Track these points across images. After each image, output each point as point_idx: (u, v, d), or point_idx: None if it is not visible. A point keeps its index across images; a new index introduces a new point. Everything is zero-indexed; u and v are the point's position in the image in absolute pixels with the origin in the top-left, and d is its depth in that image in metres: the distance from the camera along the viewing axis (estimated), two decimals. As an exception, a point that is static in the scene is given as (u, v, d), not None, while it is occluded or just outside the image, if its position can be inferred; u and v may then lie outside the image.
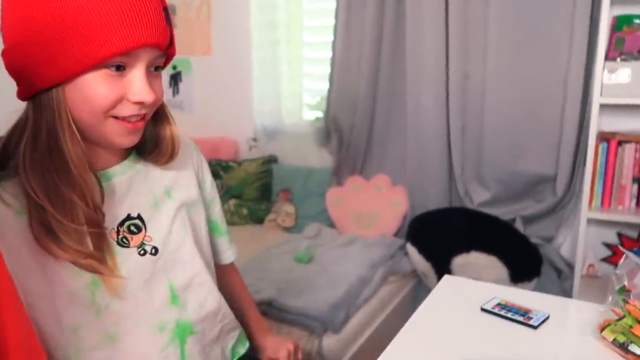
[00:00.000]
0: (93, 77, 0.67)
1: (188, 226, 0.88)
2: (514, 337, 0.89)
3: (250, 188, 2.65)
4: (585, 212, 1.84)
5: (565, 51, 1.94)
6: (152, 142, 0.82)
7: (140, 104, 0.71)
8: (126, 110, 0.71)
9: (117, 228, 0.79)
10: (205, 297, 0.89)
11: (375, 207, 2.39)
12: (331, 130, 2.47)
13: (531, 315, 0.94)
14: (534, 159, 2.09)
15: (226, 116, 2.84)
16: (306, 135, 2.64)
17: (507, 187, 2.16)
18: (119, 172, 0.80)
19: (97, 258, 0.73)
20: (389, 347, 0.87)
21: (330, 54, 2.41)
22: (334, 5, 2.36)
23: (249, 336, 1.06)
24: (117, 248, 0.78)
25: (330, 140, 2.53)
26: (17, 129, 0.72)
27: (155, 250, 0.82)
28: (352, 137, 2.42)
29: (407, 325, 0.93)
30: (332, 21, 2.37)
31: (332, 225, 2.46)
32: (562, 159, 2.02)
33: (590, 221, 1.87)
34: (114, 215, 0.78)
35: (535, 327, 0.91)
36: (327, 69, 2.44)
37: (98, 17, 0.64)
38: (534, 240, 2.07)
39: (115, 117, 0.71)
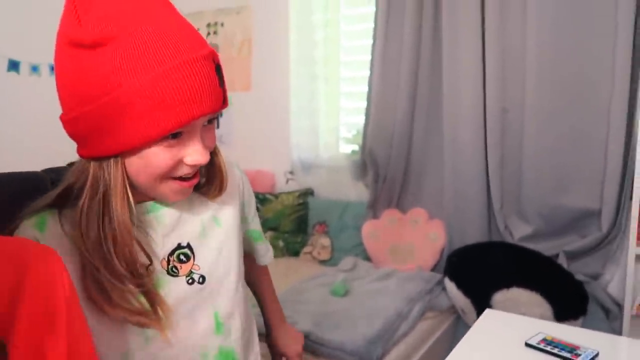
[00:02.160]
0: (154, 147, 0.69)
1: (235, 253, 0.90)
2: (562, 374, 0.86)
3: (287, 220, 2.67)
4: (634, 248, 1.76)
5: (608, 79, 1.91)
6: (203, 176, 0.84)
7: (195, 166, 0.74)
8: (182, 171, 0.74)
9: (168, 257, 0.81)
10: (245, 328, 0.91)
11: (412, 241, 2.36)
12: (367, 164, 2.49)
13: (579, 352, 0.90)
14: (576, 193, 2.04)
15: (264, 149, 2.90)
16: (342, 169, 2.67)
17: (549, 222, 2.10)
18: (169, 203, 0.82)
19: (147, 315, 0.75)
20: (429, 381, 0.85)
21: (366, 88, 2.45)
22: (370, 41, 2.41)
23: (265, 324, 1.15)
24: (167, 277, 0.80)
25: (366, 174, 2.54)
26: (73, 186, 0.74)
27: (202, 279, 0.84)
28: (388, 170, 2.43)
29: (448, 358, 0.91)
30: (369, 57, 2.42)
31: (367, 258, 2.44)
32: (607, 193, 1.96)
33: (639, 258, 1.79)
34: (164, 244, 0.80)
35: (584, 365, 0.87)
36: (364, 103, 2.48)
37: (159, 93, 0.65)
38: (578, 277, 1.99)
39: (172, 178, 0.74)
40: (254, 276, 1.13)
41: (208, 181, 0.85)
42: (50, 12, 2.67)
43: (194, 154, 0.72)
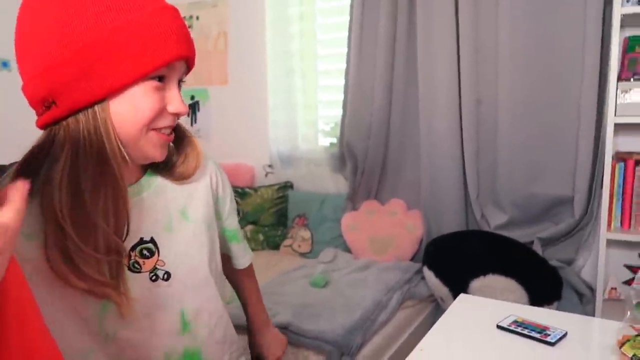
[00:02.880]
0: (141, 88, 0.69)
1: (205, 247, 0.86)
2: (531, 354, 0.88)
3: (266, 214, 2.67)
4: (605, 233, 1.81)
5: (578, 73, 1.95)
6: (176, 158, 0.83)
7: (176, 114, 0.75)
8: (164, 121, 0.74)
9: (129, 252, 0.77)
10: (215, 324, 0.88)
11: (391, 232, 2.38)
12: (346, 156, 2.50)
13: (548, 332, 0.92)
14: (550, 181, 2.08)
15: (242, 143, 2.89)
16: (321, 161, 2.67)
17: (524, 210, 2.14)
18: (134, 191, 0.79)
19: (114, 287, 0.72)
20: (404, 364, 0.87)
21: (343, 81, 2.46)
22: (346, 34, 2.41)
23: (249, 327, 1.12)
24: (128, 273, 0.76)
25: (344, 166, 2.55)
26: (41, 152, 0.70)
27: (167, 276, 0.80)
28: (366, 162, 2.44)
29: (422, 342, 0.93)
30: (345, 49, 2.43)
31: (347, 250, 2.46)
32: (579, 181, 2.00)
33: (610, 243, 1.85)
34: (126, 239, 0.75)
35: (552, 344, 0.89)
36: (341, 96, 2.49)
37: (146, 31, 0.67)
38: (553, 263, 2.04)
39: (155, 130, 0.73)
40: (235, 277, 1.09)
41: (175, 164, 0.83)
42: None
43: (175, 102, 0.73)
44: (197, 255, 0.85)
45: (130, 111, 0.69)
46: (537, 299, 1.87)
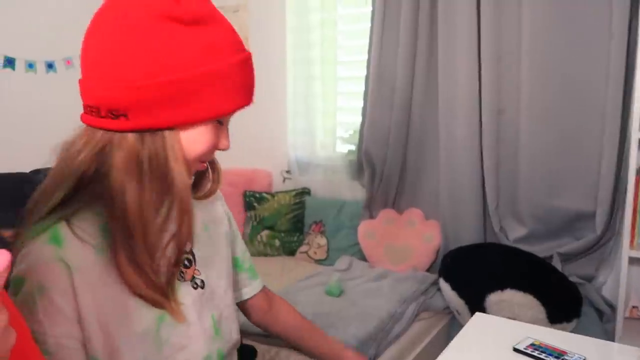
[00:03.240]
0: (206, 126, 0.75)
1: (224, 259, 0.94)
2: (548, 379, 0.86)
3: (283, 219, 2.68)
4: (627, 250, 1.77)
5: (602, 86, 1.91)
6: (199, 177, 0.88)
7: (221, 150, 0.81)
8: (209, 156, 0.80)
9: None
10: (232, 328, 0.93)
11: (408, 241, 2.37)
12: (364, 164, 2.49)
13: (566, 358, 0.90)
14: (571, 195, 2.04)
15: (261, 149, 2.90)
16: (339, 168, 2.67)
17: (544, 224, 2.10)
18: None
19: (168, 294, 0.78)
20: (417, 386, 0.86)
21: (363, 88, 2.45)
22: (367, 41, 2.41)
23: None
24: (178, 282, 0.82)
25: (362, 174, 2.54)
26: (96, 163, 0.72)
27: (202, 283, 0.86)
28: (384, 170, 2.43)
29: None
30: (365, 56, 2.42)
31: (363, 258, 2.45)
32: (601, 195, 1.96)
33: (632, 260, 1.80)
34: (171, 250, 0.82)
35: (570, 370, 0.87)
36: (360, 103, 2.48)
37: (230, 81, 0.73)
38: (572, 279, 2.00)
39: (200, 161, 0.79)
40: (262, 315, 1.10)
41: (202, 179, 0.89)
42: (48, 10, 2.67)
43: (225, 141, 0.80)
44: (219, 265, 0.92)
45: (192, 142, 0.75)
46: (556, 316, 1.83)
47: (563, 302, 1.87)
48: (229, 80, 0.72)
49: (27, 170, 2.09)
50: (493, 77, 2.11)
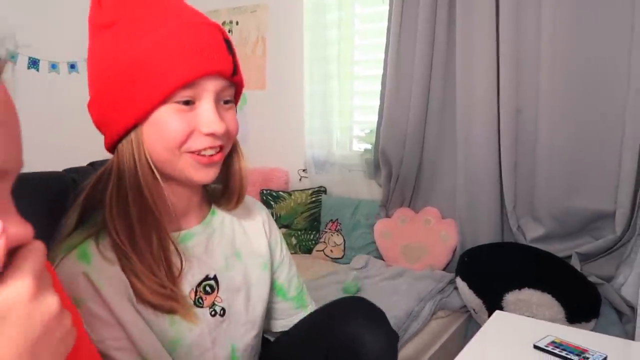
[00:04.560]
0: (165, 111, 0.70)
1: (252, 287, 0.90)
2: (569, 377, 0.87)
3: (300, 218, 2.70)
4: (648, 250, 1.76)
5: (623, 84, 1.89)
6: (222, 179, 0.85)
7: (212, 135, 0.73)
8: (199, 143, 0.73)
9: (195, 288, 0.81)
10: (254, 357, 0.92)
11: (424, 240, 2.37)
12: (380, 162, 2.49)
13: (587, 355, 0.91)
14: (591, 195, 2.03)
15: (278, 147, 2.93)
16: (355, 167, 2.68)
17: (562, 223, 2.09)
18: (198, 232, 0.84)
19: (173, 298, 0.76)
20: (437, 381, 0.87)
21: (379, 87, 2.46)
22: (382, 40, 2.41)
23: None
24: (194, 308, 0.80)
25: (379, 172, 2.55)
26: (102, 180, 0.76)
27: (223, 312, 0.84)
28: (401, 169, 2.43)
29: (457, 358, 0.92)
30: (382, 55, 2.42)
31: (379, 256, 2.45)
32: (621, 195, 1.94)
33: (653, 261, 1.79)
34: (194, 275, 0.81)
35: (592, 368, 0.88)
36: (377, 102, 2.49)
37: (162, 54, 0.68)
38: (591, 279, 1.98)
39: (190, 152, 0.73)
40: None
41: (227, 185, 0.86)
42: (70, 10, 2.72)
43: (207, 122, 0.72)
44: (247, 295, 0.89)
45: (157, 135, 0.71)
46: (575, 316, 1.82)
47: (582, 302, 1.86)
48: (160, 55, 0.68)
49: (49, 170, 2.13)
50: (511, 76, 2.10)
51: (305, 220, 2.70)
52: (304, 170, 2.86)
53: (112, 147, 0.75)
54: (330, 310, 0.92)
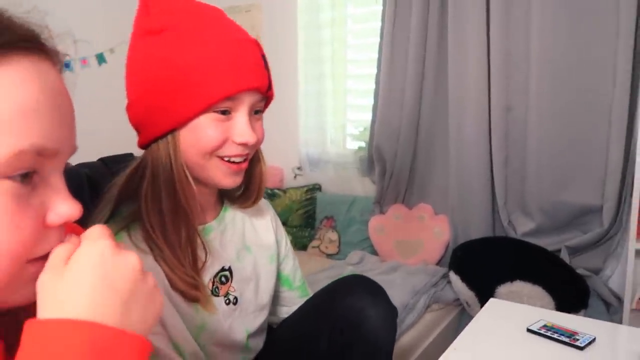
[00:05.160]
0: (203, 120, 0.76)
1: (266, 279, 0.97)
2: (560, 357, 0.91)
3: (295, 215, 2.73)
4: (634, 243, 1.81)
5: (610, 82, 1.96)
6: (242, 180, 0.89)
7: (244, 145, 0.79)
8: (230, 150, 0.79)
9: (213, 279, 0.88)
10: (260, 340, 0.99)
11: (418, 236, 2.42)
12: (374, 160, 2.54)
13: (577, 337, 0.96)
14: (579, 190, 2.09)
15: (273, 146, 2.91)
16: (349, 165, 2.73)
17: (552, 218, 2.15)
18: (214, 227, 0.90)
19: (197, 287, 0.82)
20: (437, 363, 0.91)
21: (372, 86, 2.50)
22: (375, 40, 2.46)
23: None
24: (212, 297, 0.87)
25: (373, 170, 2.60)
26: (136, 175, 0.80)
27: (235, 300, 0.90)
28: (395, 166, 2.48)
29: (455, 342, 0.97)
30: (375, 55, 2.47)
31: (374, 252, 2.50)
32: (608, 189, 2.01)
33: (639, 253, 1.85)
34: (212, 266, 0.87)
35: (581, 349, 0.92)
36: (370, 101, 2.53)
37: (208, 67, 0.73)
38: (580, 271, 2.05)
39: (221, 158, 0.79)
40: None
41: (248, 187, 0.92)
42: (99, 5, 2.71)
43: (241, 132, 0.78)
44: (256, 285, 0.95)
45: (194, 140, 0.76)
46: (564, 306, 1.87)
47: (571, 293, 1.92)
48: (206, 69, 0.73)
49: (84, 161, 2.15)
50: (502, 75, 2.16)
51: (300, 218, 2.74)
52: (298, 168, 2.90)
53: (145, 145, 0.80)
54: (332, 287, 0.98)
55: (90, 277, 0.41)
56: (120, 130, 1.11)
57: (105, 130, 2.11)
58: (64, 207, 0.44)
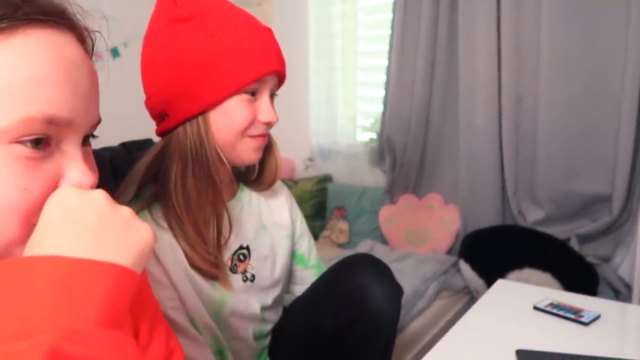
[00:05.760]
0: (235, 101, 0.82)
1: (281, 257, 1.02)
2: (566, 332, 0.94)
3: (306, 205, 2.77)
4: (643, 231, 1.82)
5: (620, 72, 1.96)
6: (259, 166, 0.96)
7: (268, 124, 0.86)
8: (257, 129, 0.86)
9: (232, 256, 0.92)
10: (276, 313, 1.04)
11: (428, 226, 2.44)
12: (385, 150, 2.57)
13: (582, 314, 0.98)
14: (588, 179, 2.10)
15: (284, 137, 2.95)
16: (360, 155, 2.75)
17: (562, 206, 2.16)
18: (233, 206, 0.94)
19: (217, 266, 0.86)
20: (445, 338, 0.94)
21: (383, 77, 2.53)
22: (385, 31, 2.48)
23: None
24: (230, 273, 0.91)
25: (383, 160, 2.62)
26: (159, 158, 0.85)
27: (253, 277, 0.95)
28: (405, 156, 2.50)
29: (463, 318, 1.00)
30: (385, 46, 2.49)
31: (384, 242, 2.53)
32: (618, 178, 2.01)
33: (648, 240, 1.85)
34: (230, 244, 0.92)
35: (586, 324, 0.95)
36: (380, 92, 2.56)
37: (238, 52, 0.79)
38: (590, 259, 2.06)
39: (250, 137, 0.85)
40: None
41: (262, 172, 0.96)
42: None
43: (267, 112, 0.85)
44: (274, 263, 1.00)
45: (226, 121, 0.82)
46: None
47: (580, 281, 1.94)
48: (236, 55, 0.79)
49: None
50: (512, 65, 2.17)
51: (311, 208, 2.77)
52: (309, 159, 2.93)
53: (168, 131, 0.84)
54: (339, 265, 1.02)
55: (55, 217, 0.43)
56: (132, 124, 1.15)
57: (121, 119, 2.16)
58: (77, 175, 0.47)
